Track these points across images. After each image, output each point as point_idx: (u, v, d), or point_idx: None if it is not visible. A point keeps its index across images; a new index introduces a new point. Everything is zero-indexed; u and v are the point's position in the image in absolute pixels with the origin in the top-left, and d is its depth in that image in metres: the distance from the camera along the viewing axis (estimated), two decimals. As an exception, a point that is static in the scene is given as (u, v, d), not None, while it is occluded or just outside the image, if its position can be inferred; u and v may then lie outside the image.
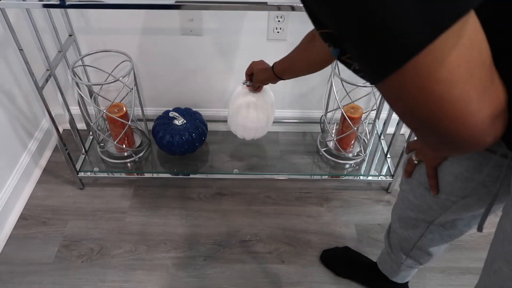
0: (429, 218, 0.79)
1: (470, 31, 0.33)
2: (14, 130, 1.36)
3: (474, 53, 0.33)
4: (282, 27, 1.31)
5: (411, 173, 0.76)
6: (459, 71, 0.33)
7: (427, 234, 0.84)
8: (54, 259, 1.24)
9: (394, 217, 0.92)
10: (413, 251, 0.92)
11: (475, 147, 0.37)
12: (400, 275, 1.04)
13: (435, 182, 0.70)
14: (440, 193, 0.70)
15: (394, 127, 1.39)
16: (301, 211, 1.39)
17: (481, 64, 0.34)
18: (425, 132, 0.38)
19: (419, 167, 0.74)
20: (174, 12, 1.28)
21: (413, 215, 0.82)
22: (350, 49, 0.37)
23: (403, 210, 0.85)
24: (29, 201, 1.40)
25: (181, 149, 1.38)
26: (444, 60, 0.32)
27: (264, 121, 1.31)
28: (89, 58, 1.37)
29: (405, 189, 0.81)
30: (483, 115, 0.35)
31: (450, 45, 0.32)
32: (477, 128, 0.35)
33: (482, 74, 0.34)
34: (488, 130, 0.36)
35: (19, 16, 1.14)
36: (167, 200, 1.41)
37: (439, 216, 0.76)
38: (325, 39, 0.43)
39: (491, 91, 0.35)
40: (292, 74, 1.06)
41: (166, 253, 1.26)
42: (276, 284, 1.19)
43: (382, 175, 1.43)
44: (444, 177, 0.68)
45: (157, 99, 1.54)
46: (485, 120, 0.35)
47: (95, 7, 1.00)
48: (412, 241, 0.89)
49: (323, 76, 1.44)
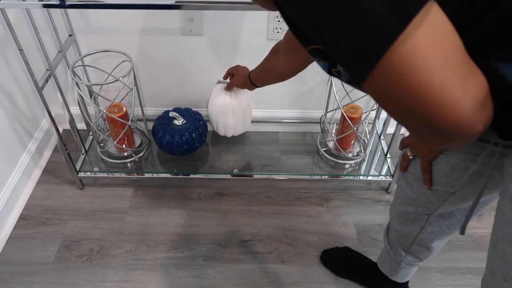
0: (428, 211, 0.80)
1: (438, 20, 0.34)
2: (14, 130, 1.36)
3: (447, 41, 0.35)
4: (282, 27, 1.31)
5: (407, 168, 0.77)
6: (435, 58, 0.34)
7: (427, 226, 0.85)
8: (54, 259, 1.24)
9: (392, 214, 0.93)
10: (413, 246, 0.92)
11: (467, 136, 0.37)
12: (400, 274, 1.04)
13: (428, 176, 0.71)
14: (437, 185, 0.71)
15: (394, 127, 1.39)
16: (301, 211, 1.39)
17: (456, 51, 0.35)
18: (417, 126, 0.38)
19: (414, 161, 0.74)
20: (174, 12, 1.28)
21: (412, 209, 0.82)
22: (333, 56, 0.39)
23: (401, 206, 0.85)
24: (29, 201, 1.40)
25: (181, 149, 1.38)
26: (418, 49, 0.33)
27: (240, 118, 1.41)
28: (89, 58, 1.37)
29: (402, 184, 0.81)
30: (468, 101, 0.35)
31: (420, 34, 0.33)
32: (465, 114, 0.35)
33: (459, 61, 0.36)
34: (477, 117, 0.36)
35: (19, 16, 1.14)
36: (167, 200, 1.41)
37: (438, 208, 0.76)
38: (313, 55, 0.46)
39: (472, 78, 0.36)
40: (264, 82, 1.16)
41: (166, 253, 1.26)
42: (276, 284, 1.19)
43: (382, 175, 1.43)
44: (440, 169, 0.69)
45: (157, 99, 1.54)
46: (472, 106, 0.35)
47: (95, 7, 1.00)
48: (412, 236, 0.89)
49: (323, 76, 1.44)
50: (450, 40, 0.35)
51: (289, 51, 0.92)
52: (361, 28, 0.34)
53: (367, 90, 0.39)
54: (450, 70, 0.34)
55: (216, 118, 1.41)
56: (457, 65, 0.35)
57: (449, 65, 0.35)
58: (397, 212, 0.89)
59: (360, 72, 0.37)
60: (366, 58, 0.35)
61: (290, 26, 0.46)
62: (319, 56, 0.45)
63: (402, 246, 0.95)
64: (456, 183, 0.67)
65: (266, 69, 1.08)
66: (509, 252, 0.54)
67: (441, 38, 0.34)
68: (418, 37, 0.33)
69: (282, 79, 1.04)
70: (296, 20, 0.40)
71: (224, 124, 1.42)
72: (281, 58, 0.97)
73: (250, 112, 1.46)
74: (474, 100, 0.36)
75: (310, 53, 0.46)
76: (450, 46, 0.35)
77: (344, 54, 0.37)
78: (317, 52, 0.45)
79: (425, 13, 0.33)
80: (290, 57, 0.93)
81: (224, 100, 1.36)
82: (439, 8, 0.35)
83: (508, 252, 0.54)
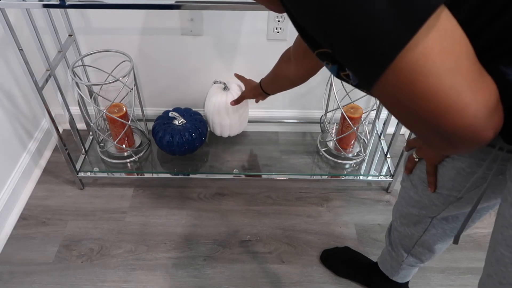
0: (431, 214, 0.79)
1: (448, 25, 0.34)
2: (14, 130, 1.36)
3: (457, 46, 0.34)
4: (282, 27, 1.31)
5: (412, 169, 0.76)
6: (445, 63, 0.33)
7: (430, 229, 0.84)
8: (54, 259, 1.24)
9: (395, 215, 0.92)
10: (415, 248, 0.92)
11: (476, 142, 0.37)
12: (401, 274, 1.04)
13: (433, 179, 0.71)
14: (442, 188, 0.71)
15: (394, 127, 1.39)
16: (301, 211, 1.39)
17: (465, 56, 0.35)
18: (425, 131, 0.38)
19: (420, 164, 0.74)
20: (174, 12, 1.28)
21: (415, 211, 0.82)
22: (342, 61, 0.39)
23: (404, 207, 0.85)
24: (29, 201, 1.40)
25: (181, 149, 1.38)
26: (428, 54, 0.33)
27: (236, 119, 1.42)
28: (89, 58, 1.37)
29: (406, 186, 0.81)
30: (478, 107, 0.35)
31: (430, 39, 0.33)
32: (475, 120, 0.35)
33: (469, 66, 0.35)
34: (487, 123, 0.36)
35: (19, 16, 1.14)
36: (167, 200, 1.41)
37: (442, 211, 0.76)
38: (322, 59, 0.46)
39: (482, 83, 0.36)
40: (276, 90, 1.15)
41: (166, 253, 1.26)
42: (276, 284, 1.19)
43: (382, 175, 1.43)
44: (445, 172, 0.68)
45: (157, 99, 1.54)
46: (482, 112, 0.35)
47: (95, 7, 1.00)
48: (414, 237, 0.89)
49: (323, 76, 1.44)
50: (460, 45, 0.35)
51: (298, 57, 0.91)
52: (369, 33, 0.33)
53: (375, 94, 0.38)
54: (460, 75, 0.34)
55: (212, 118, 1.42)
56: (467, 70, 0.35)
57: (459, 70, 0.34)
58: (401, 213, 0.89)
59: (369, 77, 0.36)
60: (375, 63, 0.35)
61: (298, 29, 0.46)
62: (327, 59, 0.45)
63: (404, 247, 0.95)
64: (461, 187, 0.67)
65: (277, 76, 1.07)
66: (507, 256, 0.54)
67: (451, 43, 0.34)
68: (428, 42, 0.33)
69: (294, 85, 1.03)
70: (304, 23, 0.40)
71: (220, 124, 1.42)
72: (291, 65, 0.96)
73: (247, 113, 1.47)
74: (484, 106, 0.35)
75: (318, 56, 0.46)
76: (460, 51, 0.34)
77: (353, 59, 0.36)
78: (325, 56, 0.45)
79: (435, 18, 0.33)
80: (300, 63, 0.92)
81: (221, 100, 1.37)
82: (449, 13, 0.34)
83: (506, 256, 0.54)
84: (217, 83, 1.40)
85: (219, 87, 1.40)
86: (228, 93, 1.37)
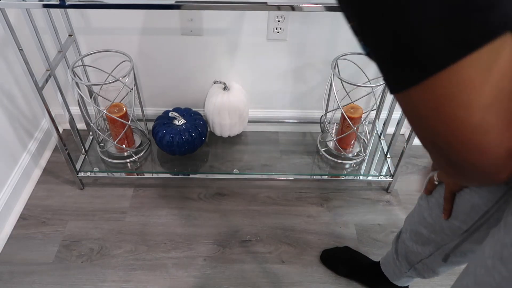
0: (441, 241, 0.77)
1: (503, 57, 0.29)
2: (14, 130, 1.36)
3: (505, 82, 0.30)
4: (282, 27, 1.31)
5: (431, 191, 0.74)
6: (483, 97, 0.30)
7: (437, 255, 0.82)
8: (54, 259, 1.24)
9: (406, 227, 0.90)
10: (419, 264, 0.90)
11: (488, 181, 0.35)
12: (401, 281, 1.04)
13: (449, 207, 0.68)
14: (453, 219, 0.69)
15: (394, 127, 1.39)
16: (301, 211, 1.39)
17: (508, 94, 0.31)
18: (436, 153, 0.36)
19: (440, 188, 0.72)
20: (174, 12, 1.28)
21: (426, 233, 0.80)
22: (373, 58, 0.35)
23: (416, 225, 0.83)
24: (29, 201, 1.40)
25: (181, 149, 1.38)
26: (468, 84, 0.29)
27: (236, 119, 1.42)
28: (89, 58, 1.37)
29: (423, 205, 0.79)
30: (501, 150, 0.32)
31: (476, 69, 0.29)
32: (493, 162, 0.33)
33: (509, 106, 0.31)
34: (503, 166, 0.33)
35: (19, 16, 1.14)
36: (167, 200, 1.41)
37: (450, 241, 0.74)
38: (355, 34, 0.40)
39: None
40: None
41: (166, 253, 1.26)
42: (276, 284, 1.19)
43: (382, 175, 1.43)
44: (461, 203, 0.66)
45: (157, 99, 1.54)
46: (503, 156, 0.32)
47: (95, 7, 1.00)
48: (420, 256, 0.87)
49: (323, 76, 1.44)
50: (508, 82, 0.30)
51: None
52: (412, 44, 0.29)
53: (397, 99, 0.35)
54: (495, 113, 0.30)
55: (212, 118, 1.42)
56: (505, 110, 0.31)
57: (495, 108, 0.30)
58: (412, 229, 0.86)
59: (397, 84, 0.33)
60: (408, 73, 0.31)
61: None
62: None
63: (408, 260, 0.93)
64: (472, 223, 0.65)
65: None
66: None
67: (499, 79, 0.30)
68: (471, 72, 0.29)
69: None
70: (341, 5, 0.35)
71: (220, 124, 1.43)
72: None
73: (247, 113, 1.47)
74: (507, 151, 0.32)
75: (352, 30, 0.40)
76: (504, 88, 0.30)
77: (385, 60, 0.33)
78: None
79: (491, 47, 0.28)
80: None
81: (221, 100, 1.37)
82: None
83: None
84: (217, 83, 1.40)
85: (219, 87, 1.40)
86: (228, 93, 1.37)
